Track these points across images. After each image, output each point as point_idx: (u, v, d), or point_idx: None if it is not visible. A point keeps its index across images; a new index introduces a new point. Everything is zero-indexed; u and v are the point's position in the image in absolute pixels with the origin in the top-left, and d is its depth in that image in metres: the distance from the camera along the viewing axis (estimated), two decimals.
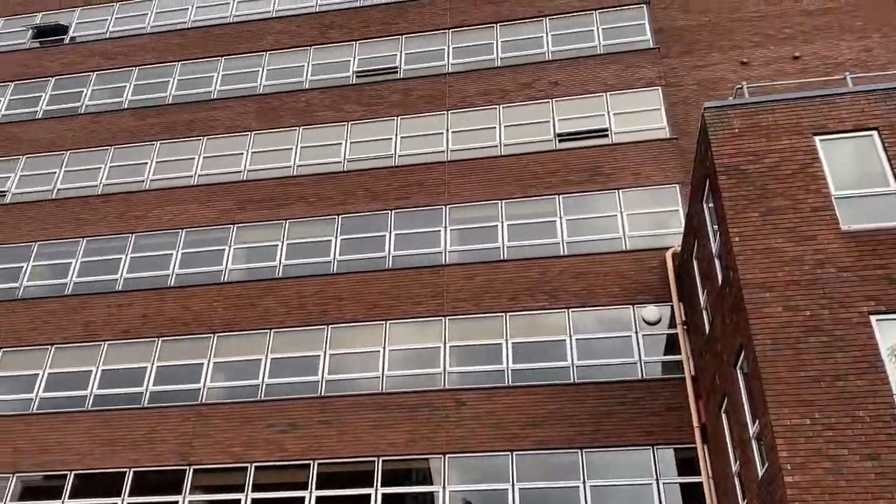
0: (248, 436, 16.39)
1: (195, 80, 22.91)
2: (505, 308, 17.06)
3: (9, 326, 19.02)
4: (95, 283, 19.48)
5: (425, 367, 16.72)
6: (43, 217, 20.84)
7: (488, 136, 19.89)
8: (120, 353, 18.24)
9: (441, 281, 17.71)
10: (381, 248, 18.62)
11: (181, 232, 19.94)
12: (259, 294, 18.46)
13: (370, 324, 17.50)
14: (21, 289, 19.75)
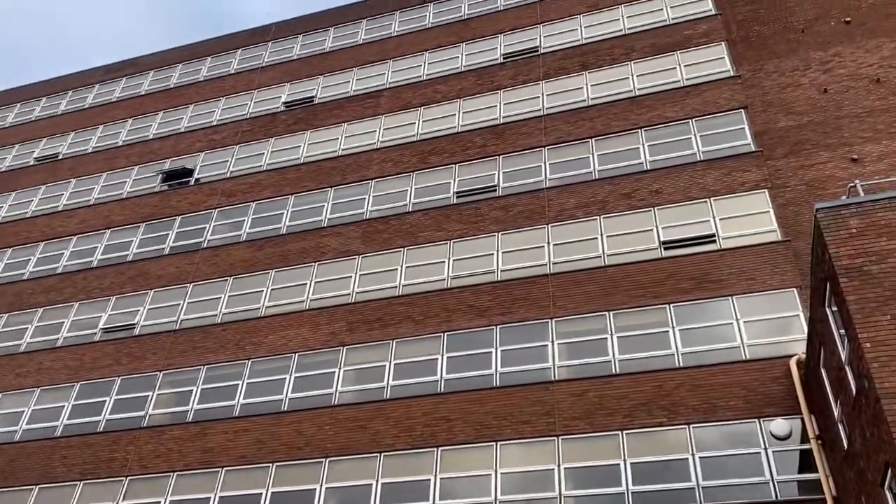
0: None
1: (307, 210, 24.24)
2: (620, 426, 16.34)
3: (135, 454, 19.81)
4: (214, 410, 20.14)
5: (539, 490, 16.05)
6: (167, 347, 22.03)
7: (591, 247, 19.81)
8: (237, 479, 18.53)
9: (551, 398, 17.26)
10: (487, 366, 18.46)
11: (294, 356, 20.54)
12: (369, 416, 18.53)
13: (480, 445, 17.12)
14: (146, 417, 20.66)
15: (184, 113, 29.75)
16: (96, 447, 20.32)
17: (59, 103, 33.23)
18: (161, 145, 28.81)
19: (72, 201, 28.20)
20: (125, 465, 19.67)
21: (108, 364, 22.21)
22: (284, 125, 27.32)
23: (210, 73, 31.04)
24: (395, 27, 29.00)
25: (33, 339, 23.95)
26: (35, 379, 22.64)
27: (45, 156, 30.80)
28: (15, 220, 28.40)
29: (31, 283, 25.73)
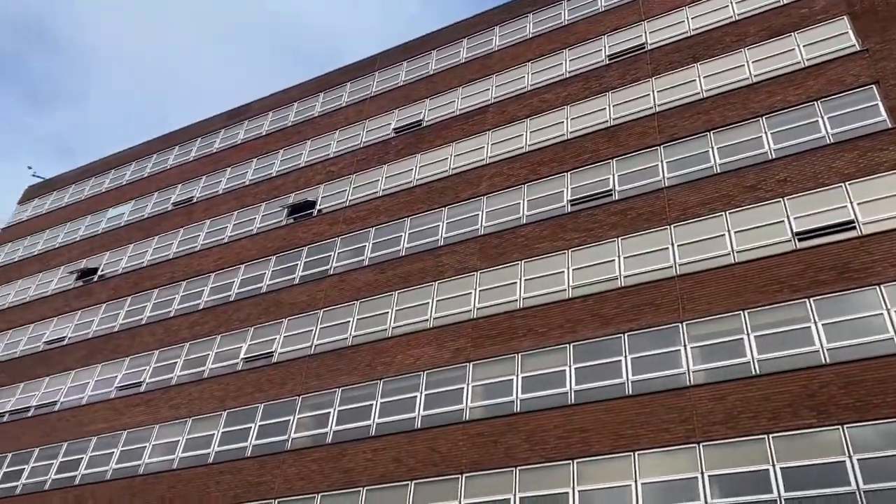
0: None
1: (423, 231, 24.70)
2: (765, 429, 15.49)
3: (281, 477, 20.72)
4: (352, 430, 20.77)
5: (683, 499, 15.46)
6: (304, 372, 22.98)
7: (718, 245, 19.01)
8: (378, 498, 18.98)
9: (689, 404, 16.63)
10: (618, 375, 18.04)
11: (422, 374, 20.88)
12: (501, 431, 18.53)
13: (617, 456, 16.72)
14: (289, 441, 21.57)
15: (303, 148, 31.14)
16: (245, 472, 21.42)
17: (189, 150, 35.66)
18: (284, 181, 30.27)
19: (208, 241, 30.08)
20: (272, 489, 20.60)
21: (250, 392, 23.43)
22: (395, 150, 28.03)
23: (323, 108, 32.37)
24: (496, 41, 29.20)
25: (182, 371, 25.64)
26: (186, 410, 24.19)
27: (181, 200, 33.08)
28: (159, 263, 30.60)
29: (177, 319, 27.60)
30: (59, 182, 40.24)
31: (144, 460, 23.58)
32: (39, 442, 26.38)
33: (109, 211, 35.50)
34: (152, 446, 23.85)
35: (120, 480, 23.37)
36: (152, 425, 24.40)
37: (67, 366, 28.72)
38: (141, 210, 34.21)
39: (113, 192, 36.69)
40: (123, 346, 27.98)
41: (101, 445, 24.93)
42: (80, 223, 36.20)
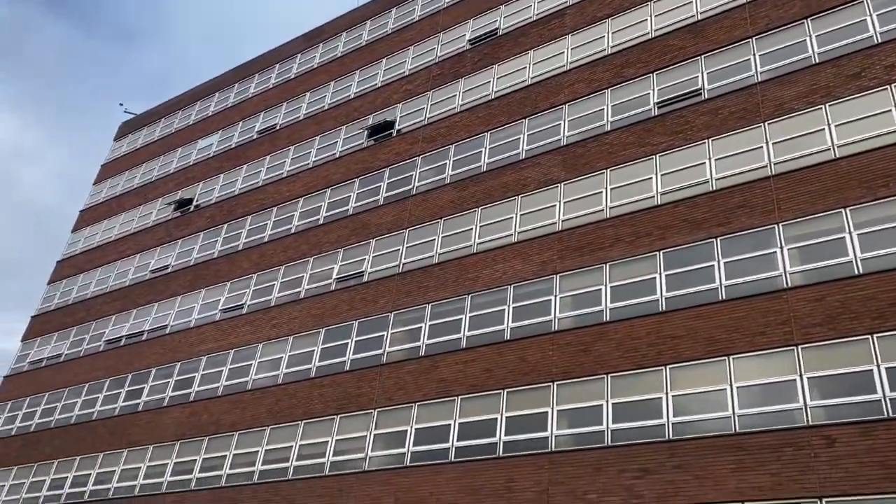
0: (602, 483, 16.38)
1: (504, 144, 24.40)
2: (869, 329, 14.96)
3: (379, 388, 21.63)
4: (443, 344, 21.33)
5: (782, 402, 15.27)
6: (394, 290, 23.58)
7: (817, 140, 17.99)
8: (472, 406, 19.60)
9: (786, 307, 16.19)
10: (710, 280, 17.67)
11: (509, 288, 21.06)
12: (591, 340, 18.62)
13: (711, 361, 16.58)
14: (384, 354, 22.39)
15: (378, 68, 30.98)
16: (345, 385, 22.47)
17: (269, 77, 36.10)
18: (362, 102, 30.33)
19: (293, 167, 30.74)
20: (371, 399, 21.57)
21: (345, 310, 24.29)
22: (471, 63, 27.49)
23: (396, 25, 31.91)
24: None
25: (280, 293, 26.77)
26: (287, 329, 25.38)
27: (265, 128, 33.75)
28: (250, 191, 31.60)
29: (271, 244, 28.64)
30: (150, 117, 41.69)
31: (251, 376, 25.06)
32: (155, 363, 28.39)
33: (199, 142, 36.67)
34: (258, 363, 25.27)
35: (230, 396, 24.99)
36: (256, 344, 25.77)
37: (174, 292, 30.47)
38: (228, 140, 35.15)
39: (200, 123, 37.77)
40: (223, 271, 29.36)
41: (211, 364, 26.61)
42: (172, 156, 37.61)
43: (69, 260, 37.75)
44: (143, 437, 26.15)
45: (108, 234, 36.83)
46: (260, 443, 23.00)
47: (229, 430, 23.99)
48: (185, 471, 24.23)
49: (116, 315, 31.95)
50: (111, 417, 27.98)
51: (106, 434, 27.48)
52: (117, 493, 25.36)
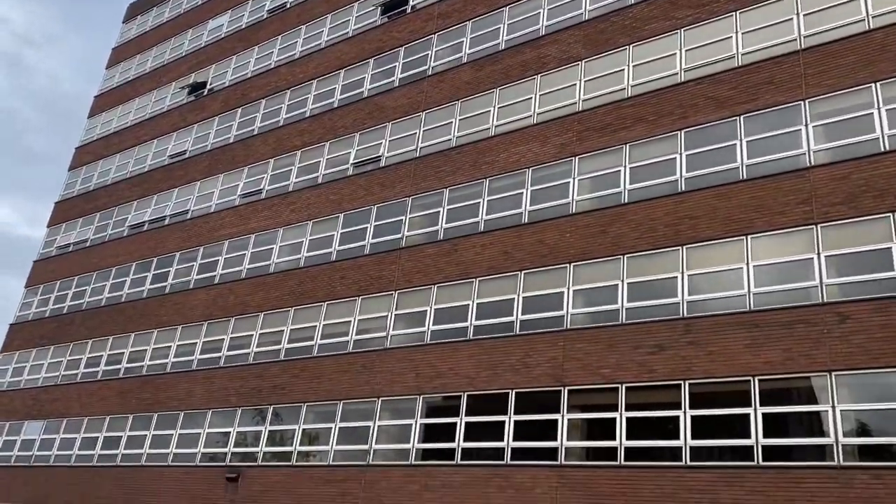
0: (616, 358, 16.88)
1: (523, 21, 23.54)
2: (891, 207, 14.83)
3: (399, 271, 22.03)
4: (461, 227, 21.48)
5: (797, 280, 15.41)
6: (412, 174, 23.52)
7: (850, 10, 17.18)
8: (489, 287, 19.98)
9: (807, 185, 16.01)
10: (732, 159, 17.44)
11: (527, 171, 20.93)
12: (608, 221, 18.66)
13: (729, 240, 16.62)
14: (403, 238, 22.63)
15: None
16: (366, 268, 22.89)
17: None
18: None
19: (306, 47, 29.98)
20: (392, 282, 22.02)
21: (363, 195, 24.37)
22: None
23: None
24: None
25: (297, 178, 26.82)
26: (306, 213, 25.61)
27: (275, 6, 32.68)
28: (263, 73, 31.00)
29: (287, 128, 28.40)
30: None
31: (273, 260, 25.55)
32: (178, 247, 28.95)
33: (209, 22, 35.68)
34: (279, 247, 25.70)
35: (254, 278, 25.59)
36: (276, 228, 26.11)
37: (192, 177, 30.62)
38: (238, 20, 34.16)
39: (209, 2, 36.61)
40: (240, 156, 29.34)
41: (233, 248, 27.10)
42: (183, 37, 36.74)
43: (87, 146, 37.82)
44: (172, 318, 27.07)
45: (123, 120, 36.65)
46: (285, 322, 23.75)
47: (255, 311, 24.74)
48: (214, 349, 25.21)
49: (138, 201, 32.31)
50: (140, 300, 28.87)
51: (136, 315, 28.46)
52: (150, 370, 26.56)
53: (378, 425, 20.03)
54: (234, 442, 22.81)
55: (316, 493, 20.06)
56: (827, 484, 13.46)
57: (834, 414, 13.92)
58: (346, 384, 21.15)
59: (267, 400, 22.66)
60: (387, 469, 19.23)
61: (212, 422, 23.70)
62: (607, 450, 16.21)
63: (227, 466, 22.28)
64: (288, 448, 21.53)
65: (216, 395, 24.01)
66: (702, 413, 15.33)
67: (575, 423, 17.07)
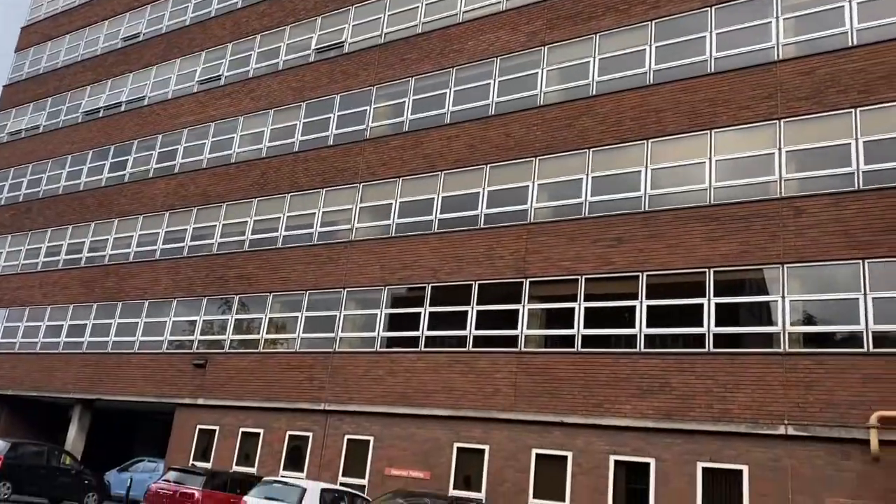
0: (577, 251, 17.18)
1: None
2: (854, 103, 14.95)
3: (364, 164, 21.79)
4: (427, 119, 21.16)
5: (757, 175, 15.64)
6: (376, 62, 22.85)
7: None
8: (455, 180, 19.92)
9: (774, 80, 15.98)
10: (701, 52, 17.24)
11: (495, 60, 20.48)
12: (576, 114, 18.53)
13: (693, 135, 16.67)
14: (368, 130, 22.25)
15: None
16: (330, 159, 22.57)
17: None
18: None
19: None
20: (357, 174, 21.81)
21: (326, 83, 23.71)
22: None
23: None
24: None
25: (257, 64, 25.89)
26: (267, 101, 24.91)
27: None
28: None
29: (245, 10, 27.13)
30: None
31: (235, 150, 25.02)
32: (136, 134, 28.12)
33: None
34: (240, 137, 25.12)
35: (215, 168, 25.13)
36: (237, 117, 25.42)
37: (148, 61, 29.38)
38: None
39: None
40: (197, 39, 28.12)
41: (193, 136, 26.42)
42: None
43: (35, 26, 35.84)
44: (133, 207, 26.65)
45: None
46: (248, 213, 23.56)
47: (217, 202, 24.44)
48: (177, 239, 25.03)
49: (91, 86, 31.03)
50: (98, 188, 28.27)
51: (94, 204, 27.95)
52: (113, 259, 26.37)
53: (344, 315, 20.36)
54: (200, 330, 23.05)
55: (283, 378, 20.57)
56: (773, 369, 14.18)
57: (783, 304, 14.49)
58: (311, 275, 21.30)
59: (233, 290, 22.78)
60: (352, 356, 19.71)
61: (177, 311, 23.84)
62: (565, 337, 16.77)
63: (194, 353, 22.62)
64: (255, 336, 21.86)
65: (181, 284, 24.03)
66: (658, 303, 15.84)
67: (535, 313, 17.55)
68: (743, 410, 14.19)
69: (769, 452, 13.75)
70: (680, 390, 14.91)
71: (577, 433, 15.75)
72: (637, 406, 15.25)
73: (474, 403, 17.23)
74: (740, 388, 14.35)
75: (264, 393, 20.74)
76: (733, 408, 14.29)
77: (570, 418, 15.89)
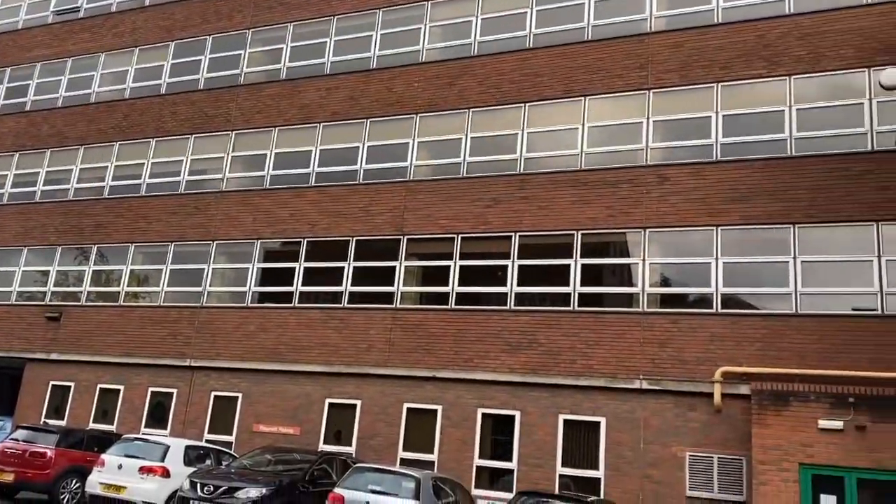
0: (454, 210, 17.35)
1: None
2: (716, 78, 15.83)
3: (237, 110, 20.88)
4: (306, 68, 20.50)
5: (626, 143, 16.32)
6: (253, 3, 21.79)
7: None
8: (334, 133, 19.51)
9: (646, 51, 16.63)
10: (579, 19, 17.64)
11: (378, 13, 20.07)
12: (457, 73, 18.54)
13: (568, 100, 17.12)
14: (242, 75, 21.29)
15: None
16: (200, 103, 21.46)
17: None
18: None
19: None
20: (229, 121, 20.88)
21: (198, 23, 22.40)
22: None
23: None
24: None
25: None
26: (132, 39, 23.25)
27: None
28: None
29: None
30: None
31: (95, 89, 23.26)
32: None
33: None
34: (101, 75, 23.36)
35: (72, 108, 23.28)
36: (98, 53, 23.58)
37: None
38: None
39: None
40: None
41: (48, 72, 24.30)
42: None
43: None
44: None
45: None
46: (109, 158, 22.07)
47: (75, 144, 22.71)
48: (28, 182, 23.13)
49: None
50: None
51: None
52: None
53: (213, 268, 19.63)
54: (54, 281, 21.55)
55: (146, 332, 19.64)
56: (632, 326, 15.03)
57: (643, 266, 15.33)
58: (177, 226, 20.33)
59: (90, 239, 21.39)
60: (222, 311, 19.10)
61: (28, 260, 22.15)
62: (440, 295, 16.99)
63: (48, 306, 21.15)
64: (115, 288, 20.69)
65: (33, 232, 22.28)
66: (529, 263, 16.33)
67: (411, 270, 17.64)
68: (603, 366, 14.99)
69: (625, 405, 14.64)
70: (546, 346, 15.53)
71: (449, 387, 16.11)
72: (506, 361, 15.76)
73: (348, 359, 17.21)
74: (601, 345, 15.13)
75: (125, 348, 19.75)
76: (594, 363, 15.07)
77: (443, 373, 16.20)
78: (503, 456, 15.32)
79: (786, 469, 11.93)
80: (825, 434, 11.88)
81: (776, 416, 12.24)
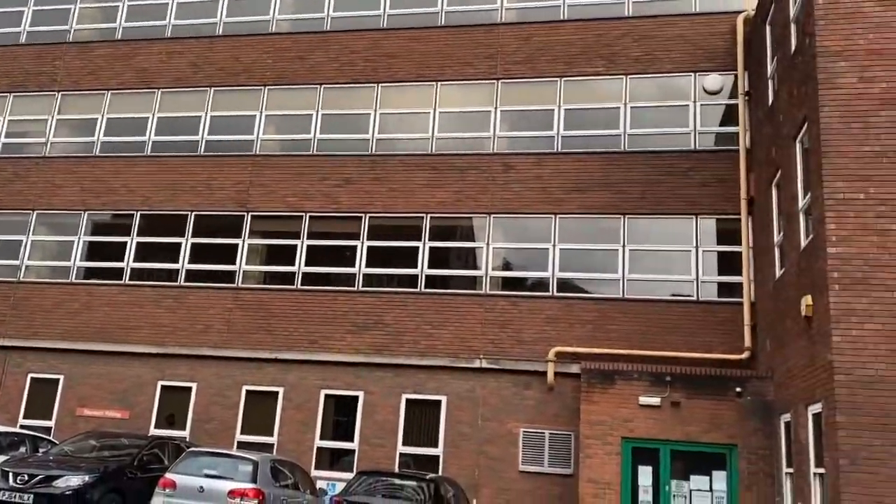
0: (303, 188, 16.99)
1: None
2: (560, 73, 16.55)
3: (64, 70, 19.20)
4: (145, 29, 19.21)
5: (475, 130, 16.69)
6: None
7: None
8: (174, 101, 18.46)
9: (496, 41, 17.05)
10: (433, 4, 17.77)
11: None
12: (309, 48, 18.11)
13: (421, 84, 17.23)
14: (71, 32, 19.61)
15: None
16: (21, 59, 19.56)
17: None
18: None
19: None
20: (55, 81, 19.18)
21: None
22: None
23: None
24: None
25: None
26: None
27: None
28: None
29: None
30: None
31: None
32: None
33: None
34: None
35: None
36: None
37: None
38: None
39: None
40: None
41: None
42: None
43: None
44: None
45: None
46: None
47: None
48: None
49: None
50: None
51: None
52: None
53: (32, 240, 18.01)
54: None
55: None
56: (474, 308, 15.47)
57: (487, 251, 15.80)
58: None
59: None
60: (41, 287, 17.59)
61: None
62: (286, 274, 16.61)
63: None
64: None
65: None
66: (378, 244, 16.33)
67: (255, 248, 17.10)
68: (446, 346, 15.33)
69: (466, 384, 15.08)
70: (392, 327, 15.65)
71: (291, 369, 15.82)
72: (351, 342, 15.71)
73: (183, 340, 16.44)
74: (445, 326, 15.46)
75: None
76: (439, 343, 15.38)
77: (286, 355, 15.88)
78: (345, 436, 15.30)
79: (609, 443, 12.80)
80: (644, 410, 12.86)
81: (602, 394, 13.09)
